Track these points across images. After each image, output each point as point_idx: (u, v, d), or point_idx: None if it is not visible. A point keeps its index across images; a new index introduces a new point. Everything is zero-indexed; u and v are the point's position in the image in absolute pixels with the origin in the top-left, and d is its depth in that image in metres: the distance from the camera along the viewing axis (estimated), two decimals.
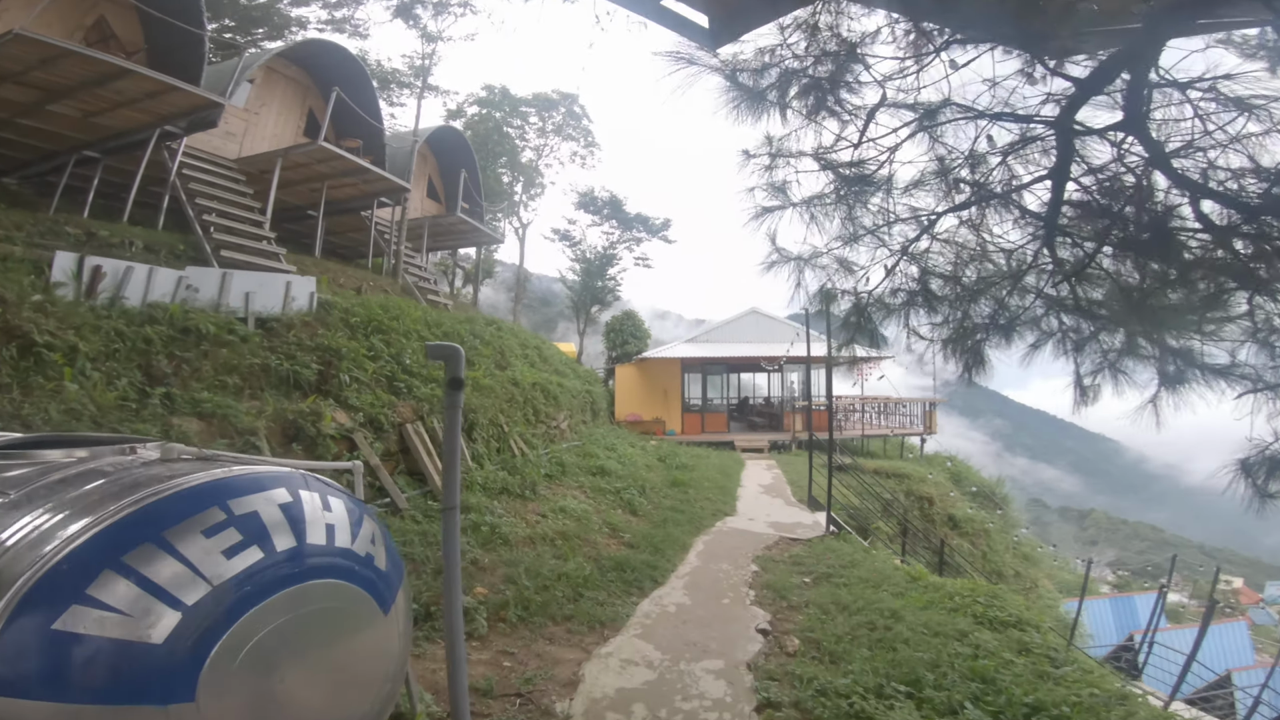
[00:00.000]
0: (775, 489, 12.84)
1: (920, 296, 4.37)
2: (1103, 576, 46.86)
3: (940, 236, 4.35)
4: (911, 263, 4.38)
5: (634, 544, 7.80)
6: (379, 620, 1.96)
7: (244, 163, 12.57)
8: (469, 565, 6.07)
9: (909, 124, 3.83)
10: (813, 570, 7.68)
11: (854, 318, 4.62)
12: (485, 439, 9.33)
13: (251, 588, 1.56)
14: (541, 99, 31.27)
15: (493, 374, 10.89)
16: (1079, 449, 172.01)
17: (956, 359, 4.45)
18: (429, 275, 16.99)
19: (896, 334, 4.67)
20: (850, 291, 4.53)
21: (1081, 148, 3.52)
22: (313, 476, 2.17)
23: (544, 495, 8.77)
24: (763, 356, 18.67)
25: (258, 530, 1.67)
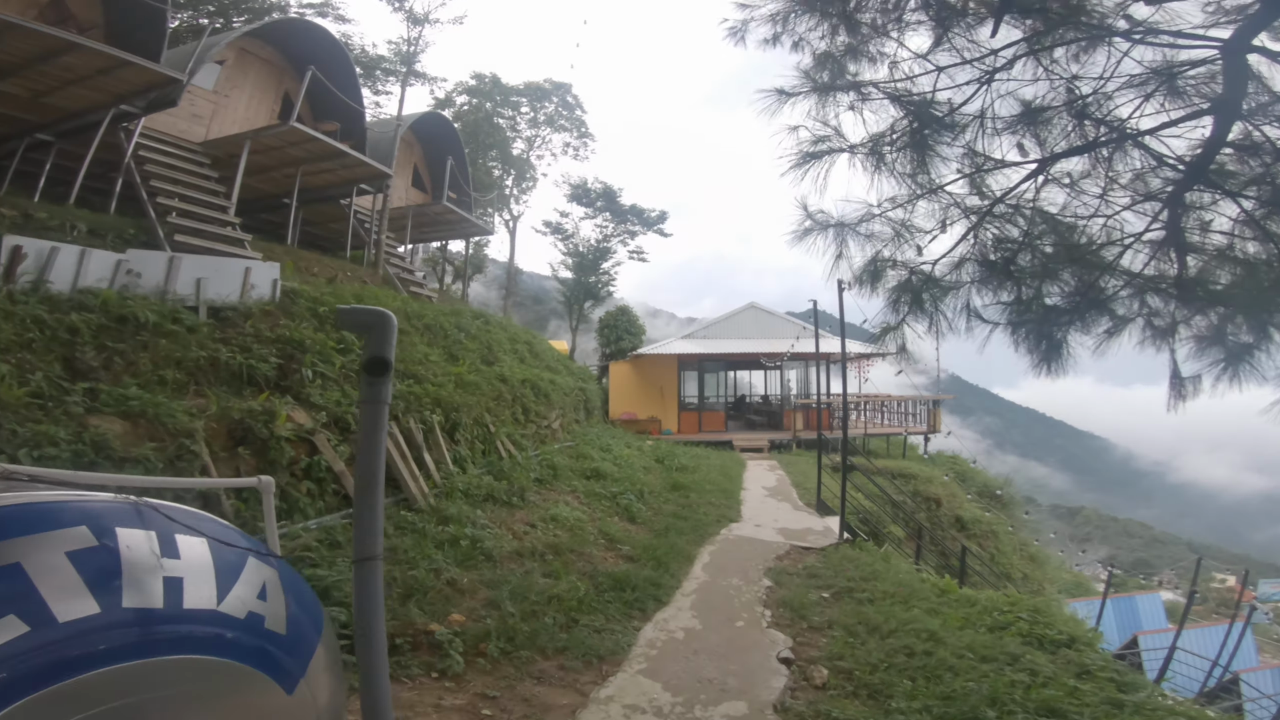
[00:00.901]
0: (780, 491, 12.09)
1: (995, 269, 3.59)
2: (1096, 574, 46.53)
3: (1020, 202, 3.58)
4: (993, 225, 3.60)
5: (634, 557, 7.01)
6: (277, 702, 1.41)
7: (211, 146, 11.75)
8: (444, 587, 5.27)
9: (1014, 44, 3.06)
10: (831, 584, 6.92)
11: (906, 295, 3.84)
12: (470, 440, 8.52)
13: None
14: (534, 88, 30.38)
15: (479, 370, 10.07)
16: (1068, 446, 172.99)
17: (1031, 346, 3.68)
18: (413, 267, 16.16)
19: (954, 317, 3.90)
20: (904, 264, 3.75)
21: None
22: (161, 508, 1.41)
23: (534, 502, 7.97)
24: (763, 353, 17.95)
25: (18, 592, 1.09)
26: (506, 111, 30.03)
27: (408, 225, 17.00)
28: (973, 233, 3.64)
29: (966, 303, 3.83)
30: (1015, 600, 6.53)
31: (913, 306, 3.84)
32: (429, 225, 19.37)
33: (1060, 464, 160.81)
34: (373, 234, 14.56)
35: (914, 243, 3.78)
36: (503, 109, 29.75)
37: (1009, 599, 6.63)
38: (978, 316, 3.83)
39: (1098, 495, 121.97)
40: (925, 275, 3.79)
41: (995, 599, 6.66)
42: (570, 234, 29.43)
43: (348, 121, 14.29)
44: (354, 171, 13.68)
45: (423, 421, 7.58)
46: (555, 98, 30.66)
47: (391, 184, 16.41)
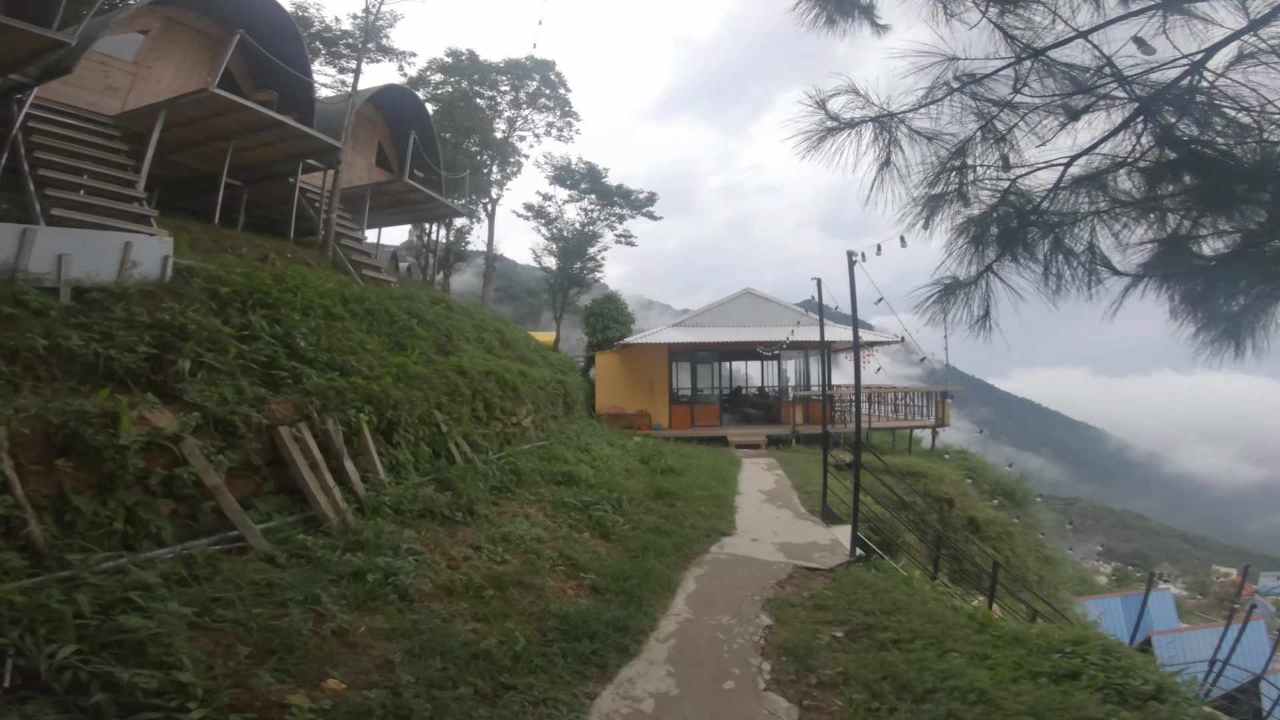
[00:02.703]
0: (780, 496, 10.77)
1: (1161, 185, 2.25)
2: (1096, 568, 45.47)
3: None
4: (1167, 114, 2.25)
5: (600, 587, 5.68)
6: None
7: (125, 119, 10.44)
8: (327, 640, 3.93)
9: None
10: (845, 619, 5.61)
11: (993, 230, 2.49)
12: (412, 442, 7.16)
13: None
14: (514, 66, 28.75)
15: (430, 361, 8.70)
16: (1063, 437, 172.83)
17: (1205, 312, 2.35)
18: (370, 249, 14.78)
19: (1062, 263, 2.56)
20: (995, 180, 2.40)
21: None
22: None
23: (485, 517, 6.63)
24: (759, 341, 16.61)
25: None
26: (486, 91, 28.41)
27: (366, 204, 15.58)
28: (1137, 123, 2.29)
29: (1089, 243, 2.49)
30: (1079, 638, 5.22)
31: (1006, 248, 2.50)
32: (392, 206, 17.97)
33: (1055, 455, 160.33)
34: (322, 213, 13.15)
35: (1005, 150, 2.43)
36: (482, 88, 28.13)
37: (1069, 636, 5.32)
38: (1107, 266, 2.49)
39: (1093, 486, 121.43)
40: (1029, 199, 2.45)
41: (1050, 635, 5.36)
42: (554, 218, 27.95)
43: (292, 93, 12.91)
44: (297, 145, 12.32)
45: (345, 422, 6.22)
46: (538, 75, 29.06)
47: (346, 160, 15.05)
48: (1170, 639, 15.92)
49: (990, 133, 2.48)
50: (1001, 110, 2.43)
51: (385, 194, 16.84)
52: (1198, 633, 17.52)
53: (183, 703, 3.09)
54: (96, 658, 3.19)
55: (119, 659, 3.25)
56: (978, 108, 2.46)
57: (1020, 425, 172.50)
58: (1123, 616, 19.23)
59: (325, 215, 13.05)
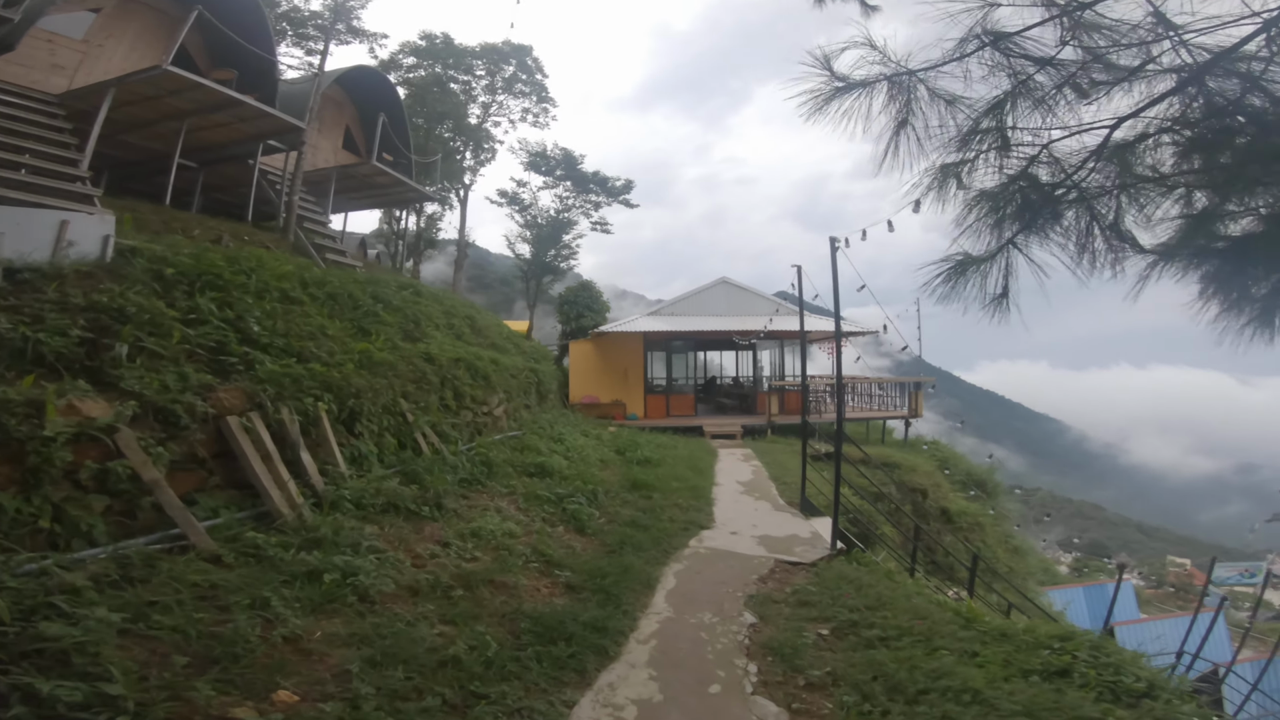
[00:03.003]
0: (757, 487, 10.60)
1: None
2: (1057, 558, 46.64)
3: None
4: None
5: (576, 585, 5.40)
6: None
7: (71, 97, 9.87)
8: (278, 647, 3.58)
9: None
10: (830, 615, 5.43)
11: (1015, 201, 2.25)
12: (375, 432, 6.78)
13: None
14: (490, 50, 27.97)
15: (396, 347, 8.29)
16: (1025, 429, 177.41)
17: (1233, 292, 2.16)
18: (335, 233, 14.21)
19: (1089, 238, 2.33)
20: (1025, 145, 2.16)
21: None
22: None
23: (454, 511, 6.29)
24: (735, 330, 16.43)
25: None
26: (461, 76, 27.60)
27: (331, 187, 14.97)
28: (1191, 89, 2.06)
29: (1114, 219, 2.26)
30: (1066, 634, 5.12)
31: (1032, 220, 2.26)
32: (359, 190, 17.34)
33: (1017, 446, 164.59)
34: (283, 196, 12.58)
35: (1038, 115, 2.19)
36: (456, 73, 27.31)
37: (1056, 631, 5.21)
38: (1133, 244, 2.27)
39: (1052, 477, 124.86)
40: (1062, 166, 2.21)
41: (1036, 630, 5.25)
42: (528, 204, 27.36)
43: (254, 73, 12.33)
44: (258, 125, 11.77)
45: (302, 411, 5.81)
46: (514, 60, 28.33)
47: (311, 142, 14.53)
48: (1132, 629, 16.25)
49: (1025, 93, 2.24)
50: (1041, 69, 2.19)
51: (352, 177, 16.23)
52: (1158, 623, 17.92)
53: (111, 717, 2.75)
54: (16, 668, 2.84)
55: (40, 669, 2.89)
56: (1011, 66, 2.22)
57: (984, 416, 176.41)
58: (1085, 607, 19.61)
59: (287, 198, 12.46)
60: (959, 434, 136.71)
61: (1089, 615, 18.91)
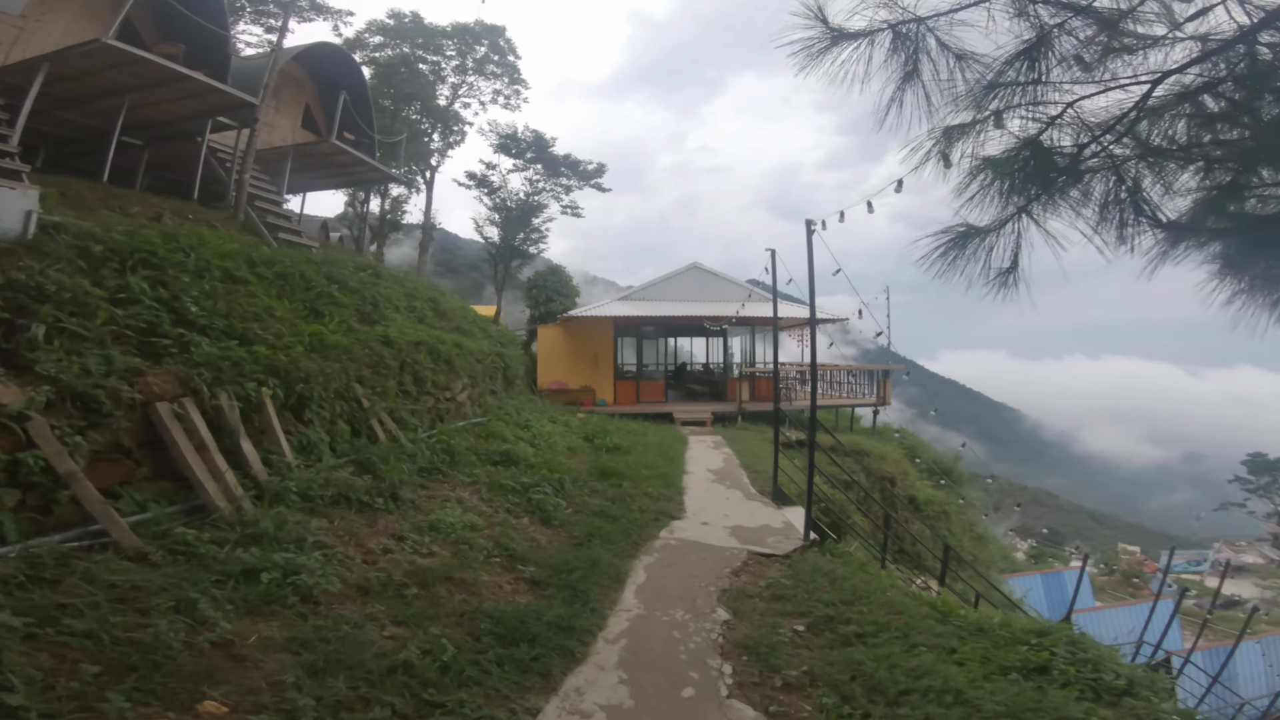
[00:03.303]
0: (729, 475, 10.41)
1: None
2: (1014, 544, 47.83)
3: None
4: None
5: (541, 581, 5.10)
6: None
7: (5, 74, 9.22)
8: (206, 653, 3.24)
9: None
10: (805, 610, 5.24)
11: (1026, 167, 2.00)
12: (327, 419, 6.36)
13: None
14: (462, 30, 27.00)
15: (351, 329, 7.84)
16: (984, 417, 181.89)
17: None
18: (291, 212, 13.54)
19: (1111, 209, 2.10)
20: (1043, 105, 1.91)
21: None
22: None
23: (411, 502, 5.94)
24: (706, 316, 16.21)
25: None
26: (430, 56, 26.61)
27: (287, 166, 14.27)
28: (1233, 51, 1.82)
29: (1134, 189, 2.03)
30: (1043, 628, 5.01)
31: (1048, 187, 2.02)
32: (320, 169, 16.62)
33: (977, 434, 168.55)
34: (233, 174, 11.93)
35: None
36: (425, 53, 26.32)
37: (1032, 626, 5.11)
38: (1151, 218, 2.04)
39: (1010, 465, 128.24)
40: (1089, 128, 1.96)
41: (1013, 625, 5.15)
42: (497, 187, 26.63)
43: (205, 48, 11.61)
44: (207, 101, 11.11)
45: (244, 397, 5.37)
46: (486, 41, 27.40)
47: (267, 120, 13.95)
48: (1089, 617, 16.57)
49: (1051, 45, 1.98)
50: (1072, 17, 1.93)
51: (310, 156, 15.52)
52: (1113, 611, 18.32)
53: None
54: None
55: None
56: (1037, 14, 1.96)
57: (946, 405, 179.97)
58: (1044, 594, 19.89)
59: (238, 175, 11.80)
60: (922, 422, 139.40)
61: (1047, 602, 19.20)
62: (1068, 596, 20.87)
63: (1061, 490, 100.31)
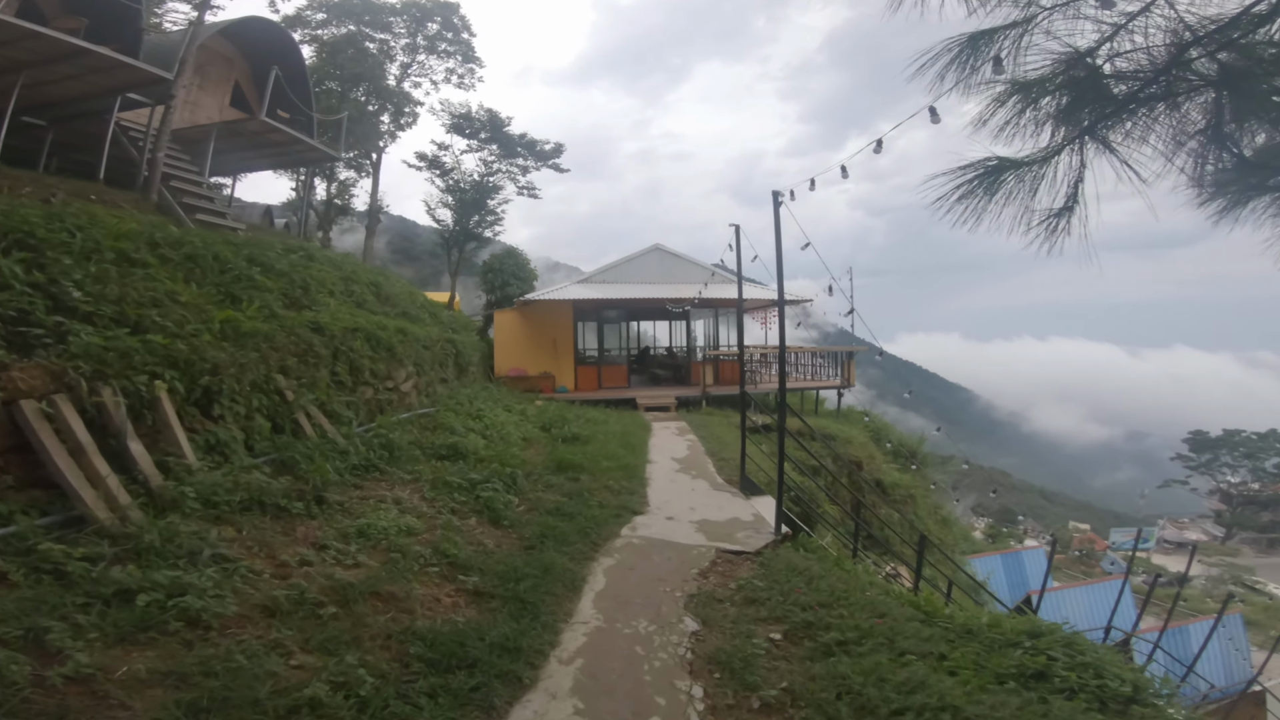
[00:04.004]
0: (694, 464, 9.92)
1: None
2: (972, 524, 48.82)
3: None
4: None
5: (485, 592, 4.51)
6: None
7: None
8: (58, 686, 2.58)
9: None
10: (781, 615, 4.76)
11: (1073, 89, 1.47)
12: (242, 415, 5.61)
13: None
14: (411, 6, 25.64)
15: (275, 315, 7.05)
16: (941, 398, 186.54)
17: None
18: (215, 193, 12.51)
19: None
20: None
21: None
22: None
23: (339, 505, 5.26)
24: (670, 298, 15.67)
25: None
26: (378, 34, 25.23)
27: (210, 146, 13.20)
28: None
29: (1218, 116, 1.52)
30: (1034, 629, 4.63)
31: (1103, 115, 1.50)
32: (253, 149, 15.49)
33: (934, 414, 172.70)
34: (146, 153, 10.90)
35: None
36: (373, 30, 24.94)
37: (1022, 626, 4.71)
38: (1237, 156, 1.54)
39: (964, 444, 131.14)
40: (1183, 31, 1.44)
41: (1001, 625, 4.75)
42: (450, 168, 25.50)
43: (114, 22, 10.57)
44: (115, 77, 10.13)
45: (132, 392, 4.61)
46: (439, 18, 26.10)
47: (191, 99, 13.08)
48: (1049, 598, 16.66)
49: None
50: None
51: (239, 135, 14.42)
52: (1071, 591, 18.50)
53: None
54: None
55: None
56: None
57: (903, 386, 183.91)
58: (1004, 575, 20.05)
59: (150, 155, 10.76)
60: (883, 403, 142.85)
61: (1008, 583, 19.32)
62: (1027, 576, 21.17)
63: (1013, 469, 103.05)
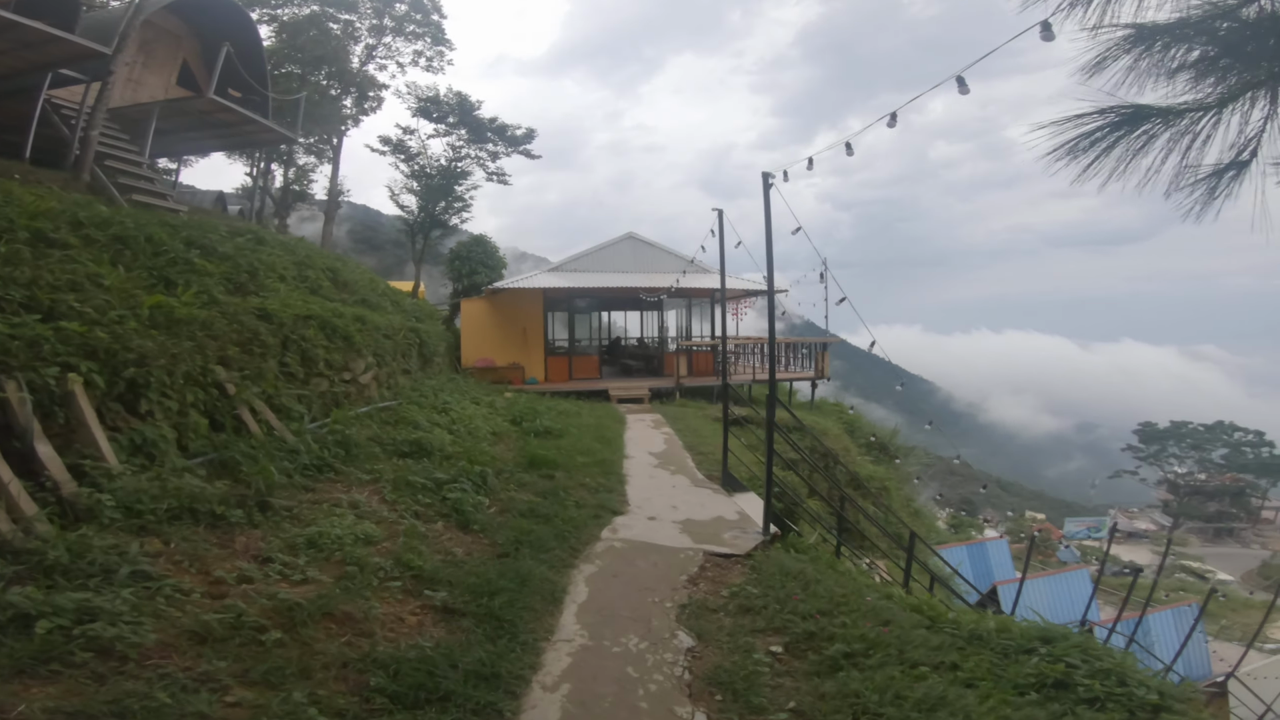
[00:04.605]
0: (672, 459, 9.51)
1: None
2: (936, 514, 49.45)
3: None
4: None
5: (456, 609, 4.01)
6: None
7: None
8: None
9: None
10: (780, 625, 4.39)
11: None
12: (174, 410, 4.98)
13: None
14: None
15: (215, 301, 6.38)
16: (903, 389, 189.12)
17: None
18: (155, 174, 11.63)
19: None
20: None
21: None
22: None
23: (286, 512, 4.69)
24: (644, 287, 15.21)
25: None
26: (342, 14, 24.05)
27: (151, 124, 12.29)
28: None
29: None
30: (1045, 634, 4.34)
31: None
32: (201, 129, 14.52)
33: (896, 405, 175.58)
34: (79, 130, 10.03)
35: None
36: (337, 10, 23.76)
37: (1033, 632, 4.42)
38: None
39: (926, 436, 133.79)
40: None
41: (1013, 631, 4.46)
42: (416, 153, 24.51)
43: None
44: (46, 52, 9.27)
45: (41, 386, 3.98)
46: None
47: (133, 77, 12.29)
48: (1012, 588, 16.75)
49: None
50: None
51: (185, 114, 13.46)
52: (1035, 582, 18.68)
53: None
54: None
55: None
56: None
57: (866, 378, 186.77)
58: (970, 566, 20.06)
59: (83, 133, 9.89)
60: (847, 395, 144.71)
61: (974, 575, 19.39)
62: (991, 567, 21.38)
63: (971, 459, 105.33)
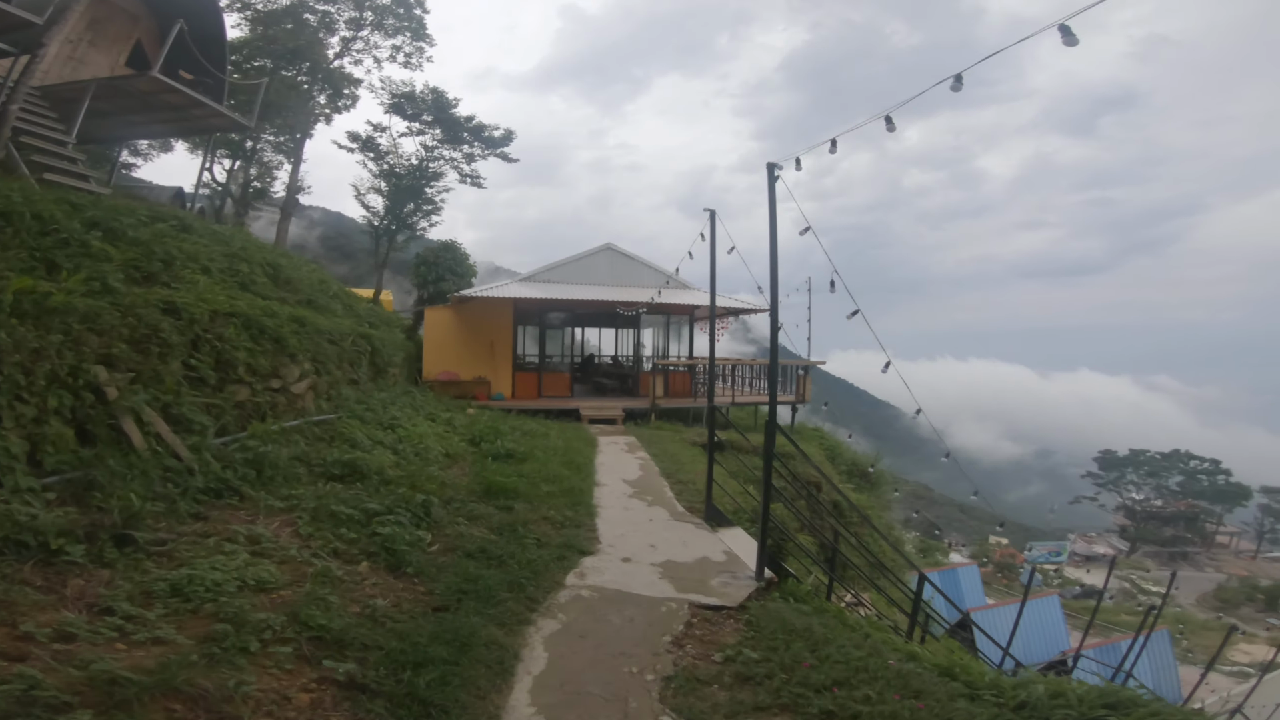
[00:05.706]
0: (649, 488, 8.54)
1: None
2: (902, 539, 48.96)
3: None
4: None
5: (366, 683, 3.01)
6: None
7: None
8: None
9: None
10: (789, 700, 3.47)
11: None
12: (29, 419, 3.92)
13: None
14: None
15: (109, 290, 5.32)
16: (869, 414, 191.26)
17: None
18: (79, 155, 10.47)
19: None
20: None
21: None
22: None
23: (156, 547, 3.64)
24: (621, 301, 14.32)
25: None
26: (319, 5, 23.07)
27: (83, 104, 11.20)
28: None
29: None
30: (1109, 698, 3.50)
31: None
32: (145, 110, 13.39)
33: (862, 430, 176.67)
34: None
35: None
36: (315, 2, 22.79)
37: (1094, 697, 3.57)
38: None
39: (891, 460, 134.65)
40: None
41: (1068, 696, 3.61)
42: (386, 151, 23.40)
43: None
44: None
45: None
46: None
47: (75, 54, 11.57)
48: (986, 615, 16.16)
49: None
50: None
51: (128, 95, 12.35)
52: (1005, 609, 18.20)
53: None
54: None
55: None
56: None
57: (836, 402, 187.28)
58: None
59: (1, 106, 8.79)
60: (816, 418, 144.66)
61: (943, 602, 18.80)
62: (962, 593, 20.85)
63: (934, 484, 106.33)
